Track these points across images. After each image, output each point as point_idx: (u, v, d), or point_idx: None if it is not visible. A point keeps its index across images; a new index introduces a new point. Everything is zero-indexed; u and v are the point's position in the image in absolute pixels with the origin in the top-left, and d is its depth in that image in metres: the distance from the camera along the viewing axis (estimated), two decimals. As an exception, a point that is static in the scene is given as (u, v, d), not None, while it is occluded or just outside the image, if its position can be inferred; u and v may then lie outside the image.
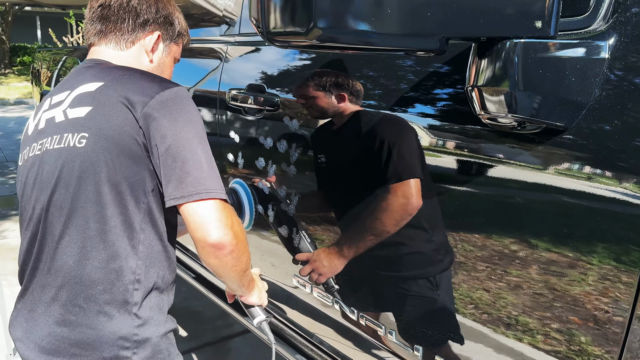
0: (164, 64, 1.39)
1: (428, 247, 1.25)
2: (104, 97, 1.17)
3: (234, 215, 1.17)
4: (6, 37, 18.90)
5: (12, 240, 4.48)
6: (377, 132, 1.28)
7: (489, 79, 0.88)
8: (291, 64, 1.66)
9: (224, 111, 1.91)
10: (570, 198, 0.92)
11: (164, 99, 1.15)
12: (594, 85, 0.88)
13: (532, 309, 1.00)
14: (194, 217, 1.12)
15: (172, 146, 1.12)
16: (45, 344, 1.17)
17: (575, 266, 0.93)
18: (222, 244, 1.12)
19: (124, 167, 1.14)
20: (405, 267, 1.31)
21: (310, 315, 1.71)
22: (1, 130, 9.64)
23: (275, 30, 0.82)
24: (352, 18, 0.77)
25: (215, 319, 3.31)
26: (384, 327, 1.35)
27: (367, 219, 1.33)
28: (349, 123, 1.35)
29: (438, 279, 1.22)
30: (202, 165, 1.13)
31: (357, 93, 1.34)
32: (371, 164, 1.29)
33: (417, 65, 1.24)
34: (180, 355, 1.29)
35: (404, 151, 1.22)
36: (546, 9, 0.82)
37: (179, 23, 1.39)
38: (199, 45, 2.32)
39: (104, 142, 1.14)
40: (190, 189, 1.11)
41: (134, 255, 1.16)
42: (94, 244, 1.15)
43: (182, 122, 1.14)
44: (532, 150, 0.96)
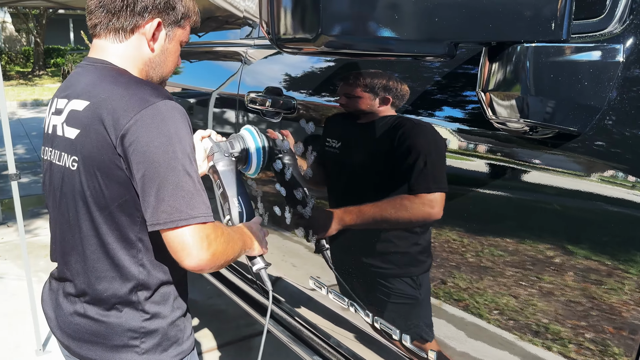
0: (167, 51, 1.32)
1: (418, 248, 1.29)
2: (88, 120, 1.17)
3: (214, 231, 1.17)
4: (40, 39, 19.44)
5: (44, 238, 4.61)
6: (411, 138, 1.27)
7: (500, 83, 0.87)
8: (308, 67, 1.67)
9: (244, 113, 1.93)
10: (587, 204, 0.90)
11: (139, 122, 1.12)
12: (608, 89, 0.86)
13: (563, 317, 0.99)
14: (169, 244, 1.14)
15: (147, 173, 1.11)
16: (67, 329, 1.31)
17: (585, 270, 0.91)
18: (199, 268, 1.15)
19: (110, 191, 1.17)
20: (397, 263, 1.36)
21: (327, 316, 1.72)
22: (35, 130, 9.91)
23: (285, 37, 0.83)
24: (360, 24, 0.77)
25: (238, 317, 3.34)
26: (398, 332, 1.35)
27: (382, 206, 1.35)
28: (383, 124, 1.34)
29: (421, 279, 1.27)
30: (177, 190, 1.12)
31: (401, 97, 1.31)
32: (401, 166, 1.29)
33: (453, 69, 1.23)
34: (192, 337, 1.38)
35: (436, 163, 1.21)
36: (558, 11, 0.80)
37: (183, 5, 1.31)
38: (222, 49, 2.35)
39: (90, 168, 1.18)
40: (164, 216, 1.11)
41: (135, 263, 1.23)
42: (96, 257, 1.23)
43: (157, 145, 1.11)
44: (544, 155, 0.94)
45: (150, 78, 1.32)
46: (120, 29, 1.24)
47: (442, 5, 0.77)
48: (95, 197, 1.19)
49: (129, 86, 1.18)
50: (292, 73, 1.75)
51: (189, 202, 1.13)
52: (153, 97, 1.15)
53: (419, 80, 1.28)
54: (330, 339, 1.76)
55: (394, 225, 1.32)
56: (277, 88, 1.74)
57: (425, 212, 1.24)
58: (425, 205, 1.23)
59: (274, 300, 2.04)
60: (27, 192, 5.86)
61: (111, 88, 1.18)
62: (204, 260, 1.14)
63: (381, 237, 1.40)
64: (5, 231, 4.79)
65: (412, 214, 1.26)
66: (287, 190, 1.69)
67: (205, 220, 1.15)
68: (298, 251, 1.75)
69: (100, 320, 1.25)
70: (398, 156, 1.28)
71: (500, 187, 1.05)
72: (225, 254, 1.20)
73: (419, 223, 1.26)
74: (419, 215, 1.25)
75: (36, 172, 6.86)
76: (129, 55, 1.27)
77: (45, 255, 4.24)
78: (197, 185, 1.16)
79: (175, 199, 1.12)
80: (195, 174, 1.16)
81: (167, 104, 1.15)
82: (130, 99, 1.14)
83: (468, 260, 1.13)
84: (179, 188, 1.12)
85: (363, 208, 1.43)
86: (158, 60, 1.30)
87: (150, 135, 1.11)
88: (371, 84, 1.38)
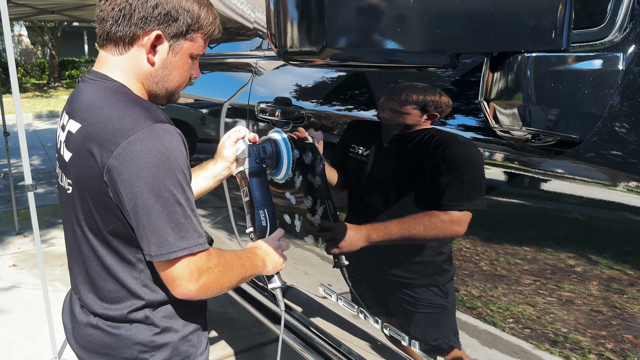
0: (170, 65, 1.23)
1: (440, 258, 1.27)
2: (78, 145, 1.15)
3: (207, 261, 1.16)
4: (55, 51, 19.75)
5: (59, 247, 4.68)
6: (451, 154, 1.21)
7: (502, 92, 0.89)
8: (316, 77, 1.70)
9: (254, 123, 1.97)
10: (589, 210, 0.92)
11: (126, 150, 1.07)
12: (609, 97, 0.87)
13: (585, 327, 1.00)
14: (162, 274, 1.15)
15: (136, 204, 1.09)
16: (80, 340, 1.31)
17: (588, 273, 0.92)
18: (189, 297, 1.16)
19: (100, 216, 1.16)
20: (421, 276, 1.33)
21: (337, 324, 1.73)
22: (50, 141, 10.06)
23: (291, 49, 0.85)
24: (363, 37, 0.80)
25: (251, 325, 3.36)
26: (407, 338, 1.36)
27: (409, 222, 1.31)
28: (418, 135, 1.29)
29: (447, 288, 1.24)
30: (166, 221, 1.09)
31: (445, 110, 1.23)
32: (437, 180, 1.24)
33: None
34: (207, 352, 1.36)
35: (471, 181, 1.16)
36: (557, 21, 0.82)
37: (190, 16, 1.20)
38: (233, 60, 2.39)
39: (81, 193, 1.17)
40: (154, 249, 1.10)
41: (139, 284, 1.22)
42: (100, 278, 1.23)
43: (145, 176, 1.07)
44: (546, 162, 0.96)
45: (154, 92, 1.26)
46: (120, 40, 1.19)
47: (444, 17, 0.79)
48: (88, 222, 1.19)
49: (120, 108, 1.13)
50: (301, 83, 1.78)
51: (179, 234, 1.10)
52: (141, 122, 1.10)
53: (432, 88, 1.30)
54: (341, 347, 1.78)
55: (420, 242, 1.30)
56: (287, 98, 1.77)
57: (453, 230, 1.20)
58: (453, 223, 1.19)
59: (287, 310, 2.06)
60: (42, 203, 5.95)
61: (102, 111, 1.13)
62: (191, 292, 1.14)
63: (405, 251, 1.38)
64: (21, 241, 4.86)
65: (441, 232, 1.22)
66: (312, 198, 1.65)
67: (197, 251, 1.13)
68: (310, 259, 1.77)
69: (110, 333, 1.25)
70: (430, 170, 1.24)
71: (503, 194, 1.06)
72: (219, 283, 1.19)
73: (445, 240, 1.23)
74: (447, 235, 1.22)
75: (51, 182, 6.96)
76: (129, 68, 1.21)
77: (60, 264, 4.30)
78: (188, 213, 1.13)
79: (164, 231, 1.09)
80: (186, 201, 1.12)
81: (157, 128, 1.10)
82: (119, 123, 1.10)
83: (471, 266, 1.14)
84: (168, 219, 1.09)
85: (389, 225, 1.38)
86: (161, 74, 1.23)
87: (137, 165, 1.07)
88: (395, 93, 1.36)
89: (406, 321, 1.38)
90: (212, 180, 1.55)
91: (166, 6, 1.16)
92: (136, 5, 1.15)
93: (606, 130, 0.88)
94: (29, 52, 26.63)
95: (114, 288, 1.22)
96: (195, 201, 1.20)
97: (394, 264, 1.41)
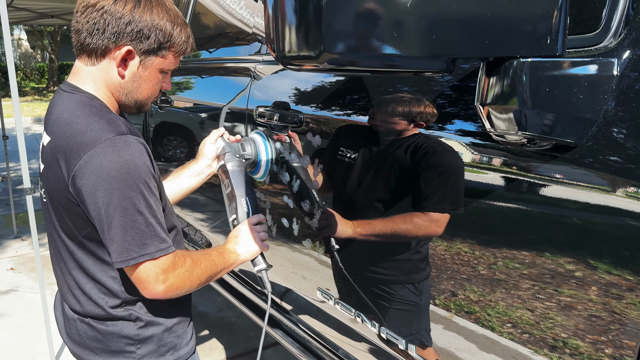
0: (140, 78, 1.28)
1: (420, 256, 1.32)
2: (49, 157, 1.22)
3: (172, 263, 1.23)
4: (55, 55, 19.78)
5: (57, 251, 4.67)
6: (429, 155, 1.26)
7: (498, 97, 0.89)
8: (315, 82, 1.71)
9: (252, 127, 1.97)
10: (583, 213, 0.92)
11: (88, 163, 1.13)
12: (604, 102, 0.88)
13: (559, 322, 1.00)
14: (130, 277, 1.22)
15: (98, 214, 1.15)
16: (71, 334, 1.38)
17: (585, 277, 0.93)
18: (158, 297, 1.23)
19: (73, 223, 1.23)
20: (400, 270, 1.38)
21: (335, 328, 1.73)
22: (49, 145, 10.04)
23: (289, 54, 0.86)
24: (361, 42, 0.81)
25: (248, 330, 3.36)
26: (404, 342, 1.36)
27: (390, 218, 1.38)
28: (400, 139, 1.34)
29: (422, 285, 1.30)
30: (127, 230, 1.15)
31: (429, 117, 1.28)
32: (417, 183, 1.29)
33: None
34: (192, 343, 1.43)
35: (453, 184, 1.21)
36: (553, 27, 0.83)
37: (163, 35, 1.24)
38: (232, 64, 2.40)
39: (54, 202, 1.25)
40: (115, 256, 1.17)
41: (117, 283, 1.28)
42: (80, 279, 1.30)
43: (105, 187, 1.13)
44: (541, 166, 0.97)
45: (123, 103, 1.31)
46: (93, 52, 1.23)
47: (440, 22, 0.80)
48: (63, 228, 1.26)
49: (85, 122, 1.18)
50: (299, 88, 1.79)
51: (139, 241, 1.17)
52: (103, 134, 1.15)
53: (427, 93, 1.31)
54: (339, 350, 1.78)
55: (401, 239, 1.35)
56: (285, 102, 1.78)
57: (431, 230, 1.25)
58: (432, 224, 1.25)
59: (285, 314, 2.06)
60: (41, 206, 5.94)
61: (69, 124, 1.19)
62: (159, 293, 1.22)
63: (388, 246, 1.43)
64: (19, 245, 4.86)
65: (421, 231, 1.29)
66: (295, 198, 1.71)
67: (159, 255, 1.19)
68: (308, 264, 1.77)
69: (97, 328, 1.31)
70: (414, 172, 1.29)
71: (499, 197, 1.07)
72: (188, 281, 1.26)
73: (423, 239, 1.29)
74: (425, 232, 1.28)
75: (50, 186, 6.94)
76: (100, 78, 1.26)
77: (58, 268, 4.30)
78: (150, 221, 1.18)
79: (125, 239, 1.16)
80: (147, 209, 1.17)
81: (117, 140, 1.14)
82: (82, 136, 1.15)
83: (466, 268, 1.15)
84: (128, 228, 1.15)
85: (374, 222, 1.45)
86: (130, 87, 1.28)
87: (97, 177, 1.13)
88: (388, 99, 1.39)
89: (392, 318, 1.39)
90: (195, 179, 1.63)
91: (139, 24, 1.20)
92: (109, 20, 1.19)
93: (601, 135, 0.88)
94: (29, 56, 26.66)
95: (94, 288, 1.29)
96: (193, 205, 1.23)
97: (377, 259, 1.46)
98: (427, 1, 0.78)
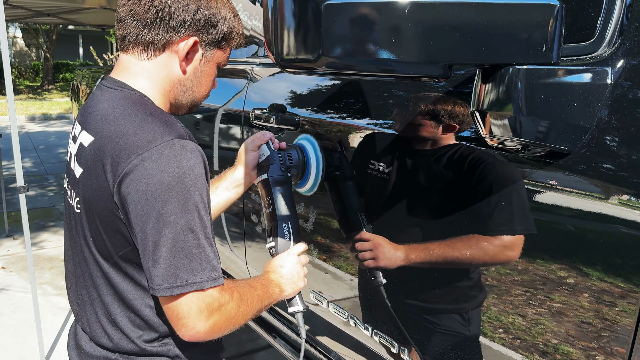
0: (201, 74, 1.15)
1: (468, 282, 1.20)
2: (91, 160, 1.05)
3: (219, 297, 1.02)
4: (50, 54, 19.70)
5: (49, 250, 4.65)
6: (490, 173, 1.11)
7: (493, 103, 0.90)
8: (312, 85, 1.71)
9: (249, 129, 1.98)
10: (576, 220, 0.93)
11: (138, 167, 0.97)
12: (597, 110, 0.89)
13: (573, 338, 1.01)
14: (166, 311, 1.02)
15: (143, 228, 0.98)
16: None
17: (577, 284, 0.93)
18: (197, 338, 1.02)
19: (111, 240, 1.05)
20: (459, 301, 1.24)
21: (327, 330, 1.74)
22: (43, 144, 10.01)
23: (287, 57, 0.87)
24: (359, 47, 0.82)
25: (240, 332, 3.35)
26: (396, 345, 1.37)
27: (449, 241, 1.20)
28: (450, 152, 1.20)
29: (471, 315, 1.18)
30: (176, 250, 0.97)
31: (467, 123, 1.16)
32: (480, 201, 1.13)
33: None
34: None
35: (519, 200, 1.06)
36: (548, 35, 0.84)
37: (227, 24, 1.13)
38: (229, 66, 2.40)
39: (90, 214, 1.07)
40: (158, 282, 0.98)
41: (152, 312, 1.10)
42: (112, 305, 1.11)
43: (156, 196, 0.97)
44: (536, 172, 0.98)
45: (179, 101, 1.17)
46: (151, 44, 1.09)
47: (438, 29, 0.81)
48: (98, 246, 1.08)
49: (137, 121, 1.03)
50: (296, 91, 1.80)
51: (188, 265, 0.98)
52: (159, 137, 0.99)
53: (423, 97, 1.32)
54: (331, 353, 1.78)
55: (465, 266, 1.18)
56: (282, 105, 1.79)
57: (505, 254, 1.09)
58: (506, 248, 1.08)
59: (277, 317, 2.06)
60: (33, 205, 5.92)
61: (118, 123, 1.04)
62: (200, 333, 1.01)
63: (448, 284, 1.28)
64: (11, 243, 4.83)
65: (490, 256, 1.11)
66: (341, 220, 1.52)
67: (208, 287, 1.00)
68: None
69: None
70: (473, 190, 1.14)
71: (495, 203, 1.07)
72: (232, 321, 1.05)
73: (496, 264, 1.12)
74: (497, 258, 1.11)
75: (43, 185, 6.92)
76: (156, 74, 1.12)
77: (50, 268, 4.28)
78: (202, 242, 1.00)
79: (173, 261, 0.97)
80: (201, 228, 1.00)
81: (176, 144, 0.99)
82: (135, 137, 1.00)
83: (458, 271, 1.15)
84: (177, 248, 0.97)
85: (430, 246, 1.26)
86: (190, 83, 1.15)
87: (149, 184, 0.96)
88: (444, 110, 1.23)
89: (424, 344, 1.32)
90: (233, 191, 1.41)
91: (207, 12, 1.09)
92: (176, 7, 1.06)
93: (594, 143, 0.89)
94: (23, 54, 26.54)
95: (127, 318, 1.10)
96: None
97: (425, 287, 1.32)
98: (424, 8, 0.80)
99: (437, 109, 1.21)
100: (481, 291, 1.13)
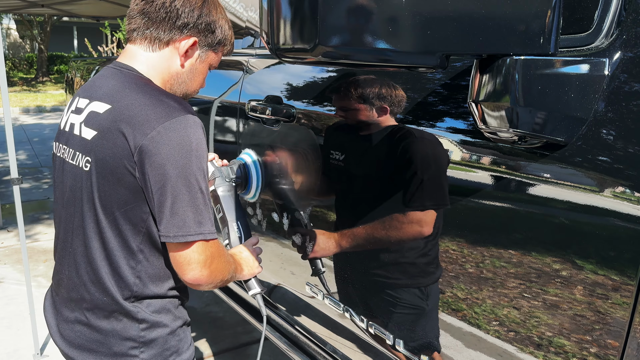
0: (196, 70, 1.34)
1: (422, 259, 1.27)
2: (108, 123, 1.19)
3: (217, 249, 1.23)
4: (44, 46, 19.57)
5: (43, 243, 4.63)
6: (411, 151, 1.22)
7: (490, 94, 0.90)
8: (308, 77, 1.70)
9: (244, 121, 1.97)
10: (572, 212, 0.93)
11: (161, 134, 1.13)
12: (594, 101, 0.89)
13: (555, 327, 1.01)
14: (174, 257, 1.20)
15: (164, 186, 1.14)
16: (67, 336, 1.31)
17: (572, 277, 0.94)
18: (197, 282, 1.22)
19: (119, 195, 1.19)
20: (395, 275, 1.35)
21: (323, 323, 1.74)
22: (37, 136, 9.96)
23: (284, 47, 0.86)
24: (355, 36, 0.81)
25: (235, 325, 3.35)
26: (392, 337, 1.37)
27: (376, 226, 1.34)
28: (381, 134, 1.32)
29: (429, 289, 1.25)
30: (189, 205, 1.16)
31: (399, 105, 1.28)
32: (397, 179, 1.26)
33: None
34: (192, 347, 1.38)
35: (434, 178, 1.17)
36: (546, 26, 0.84)
37: (222, 32, 1.34)
38: (224, 58, 2.38)
39: (102, 170, 1.19)
40: (174, 230, 1.16)
41: (132, 275, 1.24)
42: (97, 260, 1.24)
43: (177, 159, 1.14)
44: (532, 164, 0.97)
45: (174, 92, 1.33)
46: (157, 39, 1.27)
47: (435, 18, 0.81)
48: (103, 200, 1.21)
49: (154, 96, 1.20)
50: (292, 82, 1.79)
51: (198, 219, 1.17)
52: (178, 111, 1.17)
53: (416, 89, 1.32)
54: (326, 345, 1.78)
55: (387, 245, 1.31)
56: (278, 97, 1.78)
57: (415, 230, 1.21)
58: (414, 223, 1.20)
59: (273, 309, 2.06)
60: (28, 198, 5.89)
61: (135, 95, 1.20)
62: (204, 276, 1.21)
63: (377, 262, 1.40)
64: (5, 236, 4.81)
65: (404, 233, 1.24)
66: (281, 211, 1.71)
67: (210, 238, 1.19)
68: (297, 259, 1.77)
69: (99, 328, 1.26)
70: (397, 170, 1.25)
71: (489, 195, 1.07)
72: (222, 273, 1.27)
73: (410, 240, 1.25)
74: (410, 234, 1.24)
75: (37, 177, 6.89)
76: (158, 65, 1.29)
77: (44, 260, 4.26)
78: (207, 202, 1.20)
79: (187, 214, 1.16)
80: (206, 191, 1.19)
81: (190, 119, 1.18)
82: (155, 109, 1.16)
83: (454, 266, 1.15)
84: (191, 203, 1.16)
85: (356, 231, 1.42)
86: (185, 77, 1.33)
87: (171, 149, 1.13)
88: (370, 93, 1.39)
89: (388, 321, 1.39)
90: None
91: (208, 19, 1.29)
92: (182, 11, 1.25)
93: (591, 134, 0.89)
94: (17, 46, 26.36)
95: (107, 273, 1.24)
96: None
97: (367, 266, 1.43)
98: (422, -3, 0.79)
99: (366, 93, 1.34)
100: (437, 268, 1.20)
